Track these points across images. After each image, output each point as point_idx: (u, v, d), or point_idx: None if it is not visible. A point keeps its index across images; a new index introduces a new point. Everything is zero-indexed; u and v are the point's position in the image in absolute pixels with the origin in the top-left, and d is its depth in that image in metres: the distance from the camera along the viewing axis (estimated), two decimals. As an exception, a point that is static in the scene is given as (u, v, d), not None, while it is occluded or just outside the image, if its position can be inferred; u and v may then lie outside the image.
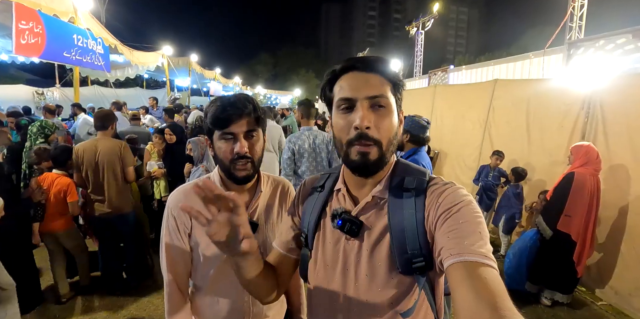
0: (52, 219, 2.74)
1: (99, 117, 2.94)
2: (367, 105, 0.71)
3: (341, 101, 0.73)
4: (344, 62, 0.75)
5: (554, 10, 16.77)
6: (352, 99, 0.71)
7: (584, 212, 2.82)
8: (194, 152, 2.76)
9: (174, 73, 11.55)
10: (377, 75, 0.72)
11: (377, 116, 0.71)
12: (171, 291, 1.09)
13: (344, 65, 0.75)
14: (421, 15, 16.24)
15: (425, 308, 0.77)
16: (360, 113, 0.70)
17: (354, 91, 0.72)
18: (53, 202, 2.73)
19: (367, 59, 0.74)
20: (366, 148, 0.71)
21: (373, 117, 0.71)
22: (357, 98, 0.71)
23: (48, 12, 4.20)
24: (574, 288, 3.04)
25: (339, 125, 0.74)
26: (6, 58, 7.53)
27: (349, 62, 0.74)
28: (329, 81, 0.77)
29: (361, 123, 0.69)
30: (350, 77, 0.74)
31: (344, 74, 0.75)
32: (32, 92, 10.82)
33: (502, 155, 4.17)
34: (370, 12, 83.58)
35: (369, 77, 0.72)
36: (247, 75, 48.09)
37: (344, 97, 0.73)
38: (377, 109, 0.72)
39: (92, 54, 5.39)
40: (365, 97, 0.71)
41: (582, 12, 7.30)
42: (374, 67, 0.72)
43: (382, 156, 0.72)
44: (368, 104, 0.71)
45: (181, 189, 1.12)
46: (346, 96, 0.72)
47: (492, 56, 33.96)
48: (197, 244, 1.08)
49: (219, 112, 0.99)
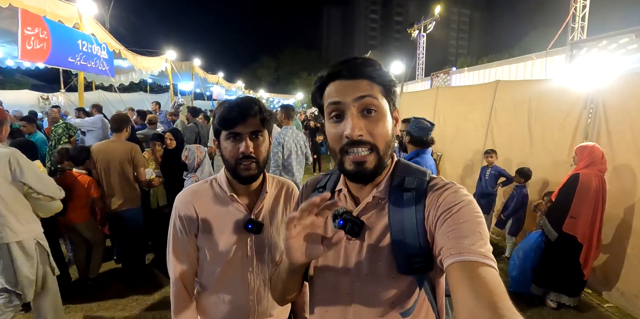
0: (73, 213, 2.98)
1: (115, 120, 3.23)
2: (356, 111, 0.70)
3: (330, 106, 0.73)
4: (331, 68, 0.74)
5: (556, 12, 16.76)
6: (340, 103, 0.71)
7: (589, 213, 2.79)
8: (189, 159, 2.74)
9: (177, 77, 11.62)
10: (364, 80, 0.71)
11: (368, 123, 0.71)
12: (177, 290, 1.11)
13: (330, 72, 0.73)
14: (423, 18, 16.24)
15: (426, 308, 0.77)
16: (350, 122, 0.69)
17: (341, 95, 0.71)
18: (74, 198, 2.94)
19: (353, 65, 0.72)
20: (360, 157, 0.71)
21: (364, 124, 0.70)
22: (346, 101, 0.70)
23: (53, 18, 4.25)
24: (580, 290, 3.01)
25: (331, 134, 0.74)
26: (12, 64, 7.61)
27: (335, 68, 0.73)
28: (318, 88, 0.77)
29: (352, 133, 0.69)
30: (338, 84, 0.72)
31: (331, 81, 0.74)
32: (37, 97, 10.95)
33: (492, 152, 4.14)
34: (371, 15, 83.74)
35: (356, 83, 0.71)
36: (250, 79, 48.33)
37: (332, 102, 0.72)
38: (368, 115, 0.71)
39: (96, 59, 5.45)
40: (353, 99, 0.70)
41: (584, 13, 7.28)
42: (360, 72, 0.71)
43: (380, 161, 0.73)
44: (357, 109, 0.70)
45: (189, 190, 1.14)
46: (334, 99, 0.72)
47: (494, 58, 33.85)
48: (204, 244, 1.10)
49: (226, 113, 1.01)
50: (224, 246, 1.10)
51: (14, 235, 2.13)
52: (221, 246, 1.10)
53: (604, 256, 3.14)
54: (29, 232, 2.22)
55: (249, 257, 1.13)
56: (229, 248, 1.10)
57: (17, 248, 2.15)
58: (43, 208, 2.41)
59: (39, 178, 2.23)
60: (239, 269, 1.12)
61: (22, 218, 2.19)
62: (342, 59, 0.75)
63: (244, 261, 1.12)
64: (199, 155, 2.75)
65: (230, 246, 1.10)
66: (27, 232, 2.21)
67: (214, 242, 1.10)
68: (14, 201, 2.15)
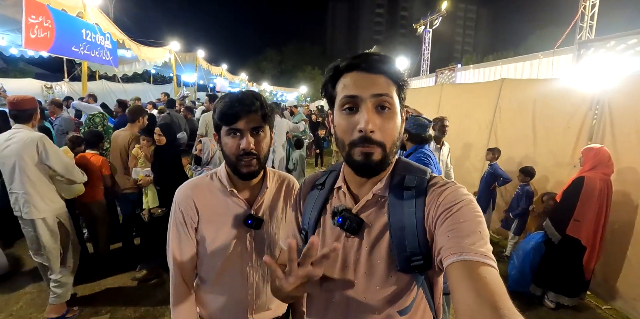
0: (88, 191, 3.11)
1: (131, 112, 3.55)
2: (371, 106, 0.70)
3: (345, 99, 0.71)
4: (349, 59, 0.73)
5: (564, 10, 16.55)
6: (357, 97, 0.70)
7: (593, 217, 2.77)
8: (204, 153, 2.67)
9: (181, 69, 11.61)
10: (382, 76, 0.71)
11: (382, 119, 0.70)
12: (177, 282, 1.11)
13: (348, 63, 0.72)
14: (429, 14, 16.11)
15: (424, 307, 0.77)
16: (366, 116, 0.68)
17: (359, 88, 0.70)
18: (89, 178, 3.06)
19: (372, 59, 0.71)
20: (369, 149, 0.70)
21: (378, 120, 0.70)
22: (363, 96, 0.70)
23: (57, 7, 4.23)
24: (581, 292, 3.00)
25: (342, 126, 0.73)
26: (16, 52, 7.61)
27: (354, 60, 0.72)
28: (331, 77, 0.76)
29: (366, 126, 0.68)
30: (355, 75, 0.71)
31: (347, 72, 0.73)
32: (40, 86, 10.92)
33: (490, 151, 4.11)
34: (377, 10, 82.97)
35: (374, 77, 0.71)
36: (253, 72, 48.13)
37: (348, 95, 0.71)
38: (382, 112, 0.71)
39: (100, 48, 5.44)
40: (371, 94, 0.69)
41: (593, 12, 7.18)
42: (379, 67, 0.71)
43: (385, 157, 0.72)
44: (373, 104, 0.70)
45: (189, 184, 1.14)
46: (351, 93, 0.71)
47: (500, 56, 33.58)
48: (204, 238, 1.10)
49: (227, 108, 1.00)
50: (224, 241, 1.10)
51: (38, 213, 2.40)
52: (220, 240, 1.10)
53: (604, 258, 3.13)
54: (53, 211, 2.48)
55: (248, 252, 1.13)
56: (228, 242, 1.11)
57: (41, 224, 2.43)
58: (66, 190, 2.69)
59: (62, 162, 2.48)
60: (238, 263, 1.13)
61: (47, 198, 2.45)
62: (347, 54, 0.75)
63: (243, 255, 1.13)
64: (212, 148, 2.68)
65: (229, 241, 1.11)
66: (51, 211, 2.47)
67: (213, 236, 1.10)
68: (40, 183, 2.41)
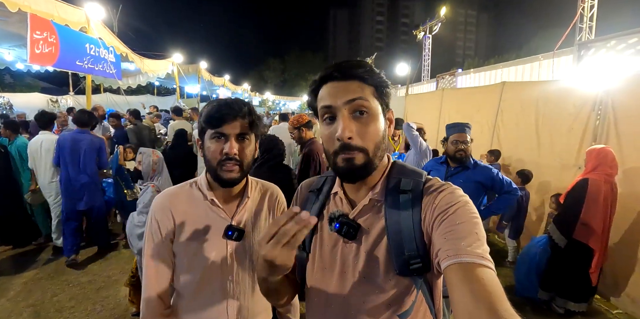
0: None
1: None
2: (347, 113, 0.71)
3: (323, 110, 0.74)
4: (323, 71, 0.76)
5: (563, 12, 16.60)
6: (331, 106, 0.72)
7: (600, 220, 2.70)
8: (143, 164, 2.32)
9: (184, 80, 11.73)
10: (354, 81, 0.72)
11: (359, 124, 0.72)
12: (149, 297, 1.04)
13: (323, 75, 0.75)
14: (428, 20, 16.21)
15: (424, 310, 0.76)
16: (342, 124, 0.70)
17: (333, 98, 0.72)
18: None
19: (343, 66, 0.73)
20: (350, 155, 0.71)
21: (355, 126, 0.71)
22: (337, 105, 0.72)
23: (61, 22, 4.32)
24: (589, 296, 2.93)
25: (325, 136, 0.75)
26: (22, 67, 7.74)
27: (327, 71, 0.74)
28: (312, 91, 0.78)
29: (342, 134, 0.69)
30: (329, 86, 0.74)
31: (324, 84, 0.75)
32: (46, 99, 11.11)
33: (488, 153, 4.07)
34: (378, 17, 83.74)
35: (347, 84, 0.72)
36: (256, 82, 48.58)
37: (324, 105, 0.74)
38: (360, 117, 0.72)
39: (104, 62, 5.52)
40: (344, 102, 0.71)
41: (592, 13, 7.18)
42: (351, 73, 0.72)
43: (369, 161, 0.72)
44: (348, 111, 0.71)
45: (167, 193, 1.10)
46: (327, 103, 0.73)
47: (501, 59, 33.54)
48: (181, 250, 1.06)
49: (214, 112, 0.98)
50: (202, 253, 1.05)
51: None
52: (199, 252, 1.05)
53: (613, 261, 3.07)
54: None
55: (228, 265, 1.08)
56: (207, 255, 1.05)
57: None
58: None
59: None
60: (218, 277, 1.07)
61: None
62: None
63: (224, 268, 1.07)
64: (154, 160, 2.33)
65: (208, 253, 1.05)
66: None
67: (191, 248, 1.05)
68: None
